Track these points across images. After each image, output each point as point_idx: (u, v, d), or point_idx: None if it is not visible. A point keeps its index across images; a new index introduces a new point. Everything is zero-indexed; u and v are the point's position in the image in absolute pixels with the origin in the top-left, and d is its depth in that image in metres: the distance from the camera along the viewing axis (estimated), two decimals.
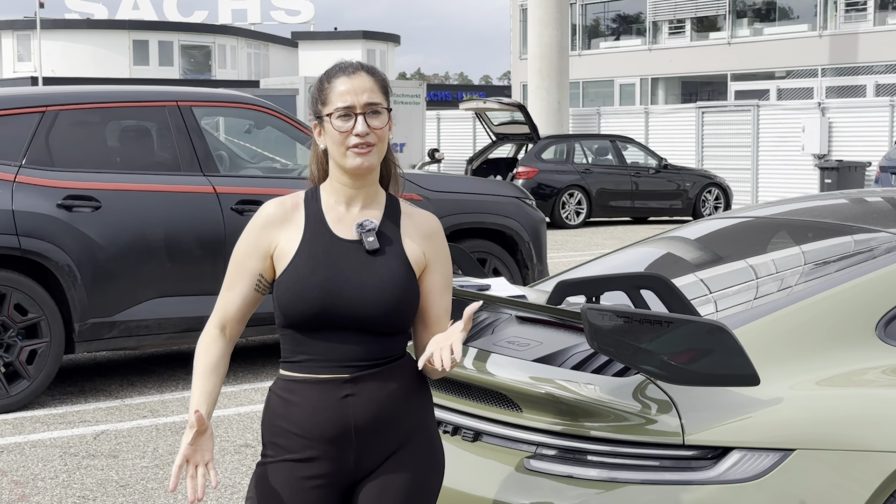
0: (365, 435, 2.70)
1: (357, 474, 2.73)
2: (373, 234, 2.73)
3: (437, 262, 2.81)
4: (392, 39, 66.83)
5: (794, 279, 3.79)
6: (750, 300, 3.73)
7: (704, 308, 3.59)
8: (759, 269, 4.12)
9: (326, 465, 2.70)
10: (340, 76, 2.74)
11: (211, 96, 8.41)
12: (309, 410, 2.69)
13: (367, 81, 2.73)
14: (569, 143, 22.95)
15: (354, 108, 2.70)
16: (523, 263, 9.04)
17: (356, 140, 2.69)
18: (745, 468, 3.02)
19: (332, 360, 2.69)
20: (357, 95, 2.70)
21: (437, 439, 2.83)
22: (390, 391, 2.71)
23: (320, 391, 2.69)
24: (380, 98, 2.74)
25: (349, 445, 2.69)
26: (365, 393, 2.69)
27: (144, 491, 5.56)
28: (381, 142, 2.74)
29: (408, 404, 2.75)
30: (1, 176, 7.16)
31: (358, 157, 2.70)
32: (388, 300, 2.68)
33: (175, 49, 57.59)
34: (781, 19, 37.19)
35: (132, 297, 7.44)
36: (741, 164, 25.82)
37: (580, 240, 19.29)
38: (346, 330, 2.68)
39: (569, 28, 30.87)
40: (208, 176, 7.80)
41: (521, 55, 40.01)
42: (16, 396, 7.10)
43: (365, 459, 2.71)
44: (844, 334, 3.37)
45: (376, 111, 2.72)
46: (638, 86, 40.16)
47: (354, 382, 2.68)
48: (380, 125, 2.72)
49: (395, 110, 2.83)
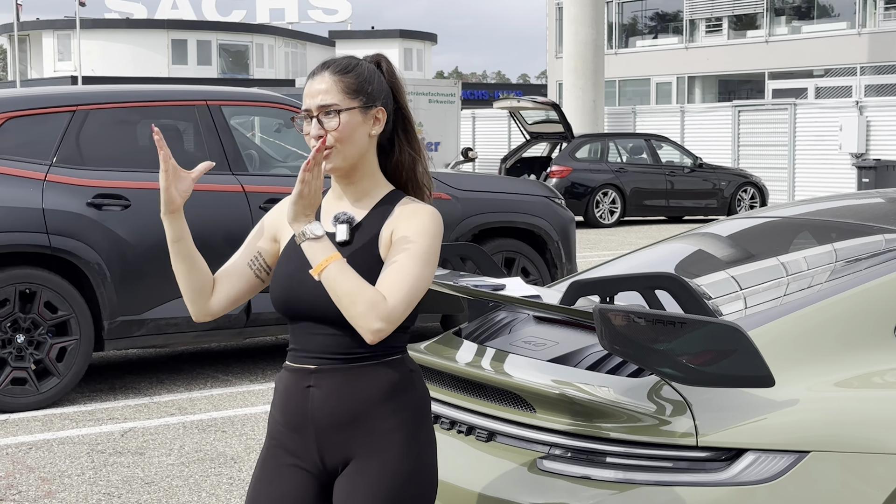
0: (322, 429, 2.69)
1: (326, 471, 2.73)
2: (346, 226, 2.72)
3: (402, 232, 2.65)
4: (429, 38, 66.92)
5: (814, 280, 3.76)
6: (768, 300, 3.69)
7: (723, 308, 3.57)
8: (779, 269, 4.09)
9: (300, 456, 2.74)
10: (309, 77, 2.75)
11: (240, 95, 8.45)
12: (283, 398, 2.76)
13: (324, 83, 2.70)
14: (603, 141, 22.88)
15: (311, 110, 2.70)
16: (552, 263, 9.02)
17: (312, 142, 2.69)
18: (759, 470, 3.00)
19: (305, 350, 2.73)
20: (312, 98, 2.70)
21: (414, 447, 2.70)
22: (355, 389, 2.67)
23: (291, 380, 2.74)
24: (336, 98, 2.68)
25: (310, 437, 2.71)
26: (325, 386, 2.69)
27: (169, 488, 5.59)
28: (342, 143, 2.68)
29: (379, 407, 2.68)
30: (31, 175, 7.22)
31: (323, 160, 2.66)
32: None
33: (213, 48, 57.94)
34: (820, 17, 36.89)
35: (161, 295, 7.48)
36: (778, 163, 25.64)
37: (614, 239, 19.22)
38: (313, 322, 2.70)
39: (604, 26, 30.79)
40: (237, 175, 7.84)
41: (556, 54, 39.91)
42: (46, 393, 7.17)
43: (327, 455, 2.71)
44: (863, 336, 3.34)
45: (329, 112, 2.68)
46: (675, 84, 39.97)
47: (318, 374, 2.70)
48: (332, 126, 2.67)
49: (429, 109, 2.80)
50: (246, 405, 7.22)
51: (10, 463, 6.04)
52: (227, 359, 8.76)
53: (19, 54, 57.33)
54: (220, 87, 8.50)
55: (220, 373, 8.23)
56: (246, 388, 7.73)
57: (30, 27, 57.76)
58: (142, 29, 56.88)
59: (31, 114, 7.40)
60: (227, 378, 8.07)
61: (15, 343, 7.07)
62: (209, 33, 58.05)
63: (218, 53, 58.27)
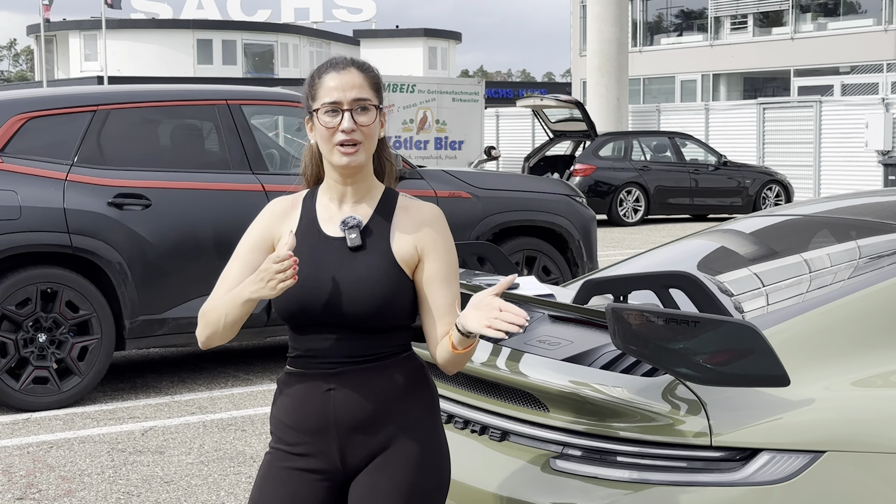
0: (346, 430, 2.70)
1: (345, 471, 2.74)
2: (356, 230, 2.72)
3: (434, 252, 2.76)
4: (453, 37, 66.91)
5: (832, 278, 3.73)
6: (786, 298, 3.67)
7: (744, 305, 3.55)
8: (797, 267, 4.06)
9: (316, 460, 2.73)
10: (331, 72, 2.73)
11: (260, 95, 8.47)
12: (297, 404, 2.74)
13: (356, 78, 2.71)
14: (627, 139, 22.82)
15: (341, 103, 2.69)
16: (573, 261, 8.99)
17: (342, 137, 2.68)
18: (774, 470, 2.96)
19: (319, 356, 2.72)
20: (345, 91, 2.69)
21: (433, 442, 2.78)
22: (376, 389, 2.71)
23: (306, 386, 2.73)
24: (368, 94, 2.72)
25: (332, 440, 2.71)
26: (346, 388, 2.69)
27: (188, 487, 5.60)
28: (367, 139, 2.72)
29: (399, 403, 2.73)
30: (53, 174, 7.26)
31: (344, 156, 2.69)
32: (366, 298, 2.67)
33: (238, 48, 58.13)
34: (847, 13, 36.66)
35: (182, 295, 7.50)
36: (803, 161, 25.50)
37: (637, 237, 19.16)
38: (329, 327, 2.69)
39: (629, 24, 30.69)
40: (257, 174, 7.85)
41: (581, 52, 39.82)
42: (67, 392, 7.20)
43: (350, 456, 2.72)
44: (881, 334, 3.30)
45: (364, 107, 2.70)
46: (699, 82, 39.82)
47: (337, 377, 2.70)
48: (367, 122, 2.70)
49: (452, 108, 2.82)
50: (266, 404, 7.22)
51: (31, 461, 6.06)
52: (248, 357, 8.78)
53: (46, 54, 57.69)
54: (241, 87, 8.52)
55: (241, 371, 8.24)
56: (266, 386, 7.74)
57: (56, 28, 58.08)
58: (167, 29, 57.10)
59: (52, 114, 7.44)
60: (248, 377, 8.08)
61: (37, 342, 7.10)
62: (234, 33, 58.23)
63: (243, 53, 58.45)
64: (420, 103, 25.74)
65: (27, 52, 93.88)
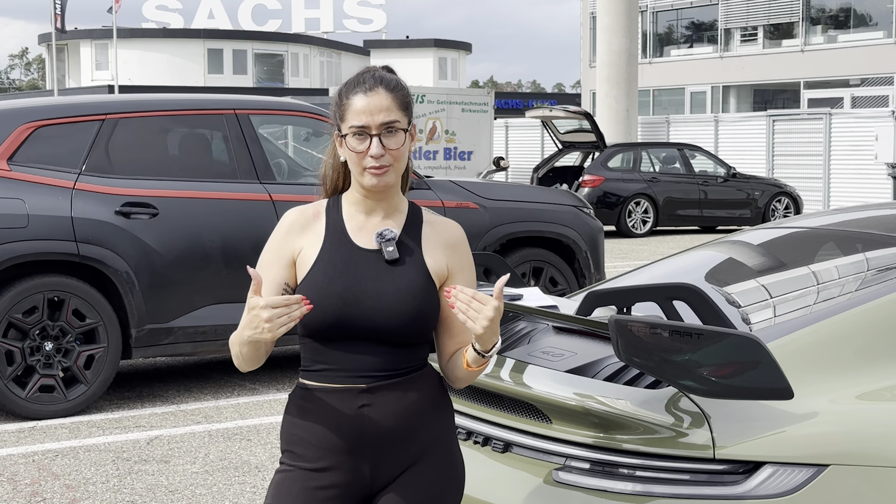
0: (380, 446, 2.67)
1: (373, 486, 2.70)
2: (392, 243, 2.70)
3: (461, 271, 2.78)
4: (463, 48, 66.98)
5: (837, 291, 3.71)
6: (793, 310, 3.65)
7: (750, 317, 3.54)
8: (804, 279, 4.05)
9: (341, 476, 2.67)
10: (358, 93, 2.67)
11: (268, 104, 8.48)
12: (325, 420, 2.67)
13: (384, 99, 2.66)
14: (636, 151, 22.80)
15: (370, 128, 2.64)
16: (580, 272, 8.98)
17: (371, 162, 2.64)
18: (777, 483, 2.95)
19: (350, 370, 2.66)
20: (373, 115, 2.64)
21: (457, 453, 2.80)
22: (408, 403, 2.69)
23: (336, 401, 2.66)
24: (397, 116, 2.68)
25: (364, 456, 2.67)
26: (381, 404, 2.66)
27: (193, 496, 5.60)
28: (397, 161, 2.69)
29: (427, 417, 2.72)
30: (60, 183, 7.27)
31: (374, 177, 2.66)
32: (406, 311, 2.65)
33: (249, 57, 58.28)
34: (857, 26, 36.62)
35: (189, 304, 7.51)
36: (812, 173, 25.45)
37: (646, 249, 19.14)
38: (363, 340, 2.66)
39: (638, 36, 30.70)
40: (265, 184, 7.86)
41: (590, 63, 39.82)
42: (73, 401, 7.20)
43: (380, 471, 2.69)
44: (888, 347, 3.29)
45: (392, 130, 2.66)
46: (709, 93, 39.79)
47: (371, 393, 2.66)
48: (395, 145, 2.67)
49: (462, 118, 2.81)
50: (272, 413, 7.22)
51: (36, 470, 6.07)
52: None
53: (57, 63, 57.86)
54: (249, 97, 8.54)
55: (247, 381, 8.24)
56: (273, 396, 7.74)
57: (68, 37, 58.25)
58: (178, 38, 57.27)
59: (60, 122, 7.45)
60: (254, 386, 8.08)
61: (43, 350, 7.11)
62: (245, 42, 58.39)
63: (253, 63, 58.58)
64: (430, 113, 25.76)
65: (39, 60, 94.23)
